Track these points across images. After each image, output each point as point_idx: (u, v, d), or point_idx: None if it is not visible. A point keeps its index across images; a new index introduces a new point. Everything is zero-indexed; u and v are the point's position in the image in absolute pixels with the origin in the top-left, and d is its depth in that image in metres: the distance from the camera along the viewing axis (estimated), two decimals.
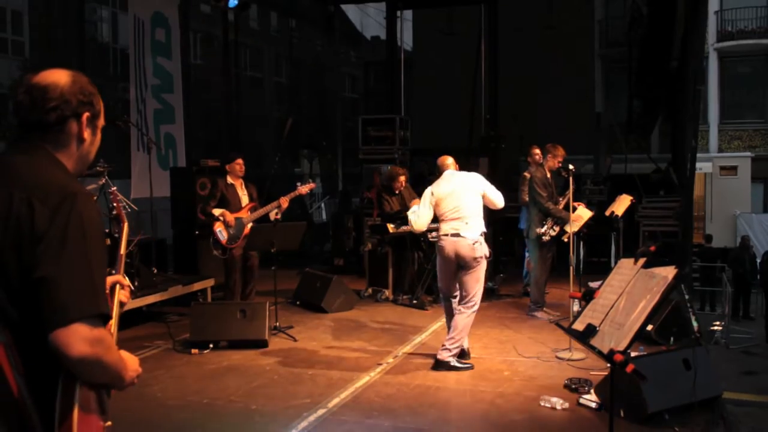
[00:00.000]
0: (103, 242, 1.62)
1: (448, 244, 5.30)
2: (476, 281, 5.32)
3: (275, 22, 27.81)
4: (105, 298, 1.60)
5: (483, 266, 5.35)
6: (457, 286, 5.42)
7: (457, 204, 5.33)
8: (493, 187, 5.48)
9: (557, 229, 6.92)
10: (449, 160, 5.63)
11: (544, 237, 6.91)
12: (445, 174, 5.54)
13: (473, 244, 5.24)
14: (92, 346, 1.50)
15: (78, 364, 1.51)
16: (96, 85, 1.76)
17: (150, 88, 9.27)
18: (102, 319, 1.56)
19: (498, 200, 5.46)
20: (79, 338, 1.49)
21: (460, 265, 5.30)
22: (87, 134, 1.71)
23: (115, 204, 2.44)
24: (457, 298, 5.45)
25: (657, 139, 17.86)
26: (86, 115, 1.70)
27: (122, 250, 2.09)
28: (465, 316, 5.31)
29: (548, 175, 7.06)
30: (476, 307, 5.37)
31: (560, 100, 18.02)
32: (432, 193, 5.46)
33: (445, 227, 5.37)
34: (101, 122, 1.77)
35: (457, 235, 5.27)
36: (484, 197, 5.42)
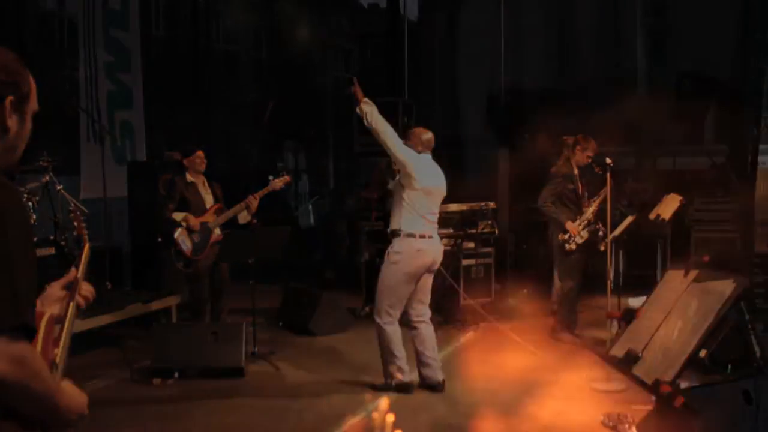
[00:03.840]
0: (26, 241, 1.65)
1: (429, 247, 5.52)
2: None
3: None
4: (29, 308, 1.61)
5: None
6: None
7: (435, 209, 5.63)
8: None
9: (585, 235, 6.92)
10: (431, 139, 5.70)
11: (567, 245, 6.91)
12: (428, 161, 5.65)
13: (440, 244, 5.70)
14: (11, 364, 1.52)
15: None
16: (38, 62, 1.77)
17: (102, 66, 9.28)
18: (24, 332, 1.57)
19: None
20: None
21: (429, 270, 5.60)
22: (11, 122, 1.72)
23: (76, 224, 2.50)
24: (411, 313, 5.64)
25: (711, 127, 17.88)
26: (9, 99, 1.70)
27: (80, 274, 2.11)
28: (432, 326, 5.70)
29: (575, 172, 7.07)
30: None
31: None
32: (418, 179, 5.45)
33: (423, 228, 5.49)
34: (31, 107, 1.78)
35: (431, 237, 5.56)
36: None
